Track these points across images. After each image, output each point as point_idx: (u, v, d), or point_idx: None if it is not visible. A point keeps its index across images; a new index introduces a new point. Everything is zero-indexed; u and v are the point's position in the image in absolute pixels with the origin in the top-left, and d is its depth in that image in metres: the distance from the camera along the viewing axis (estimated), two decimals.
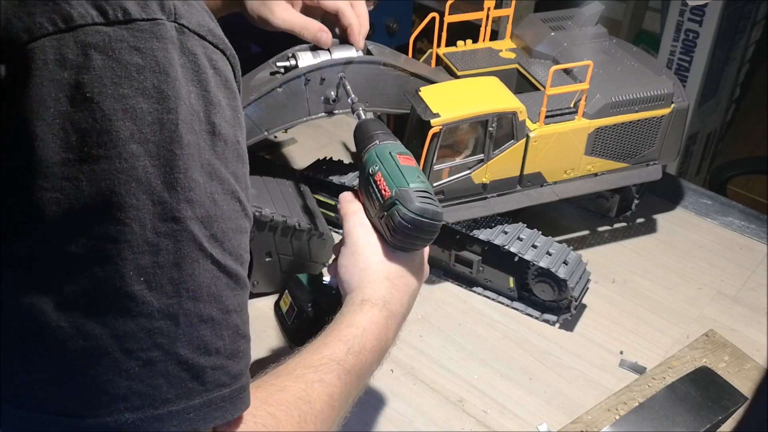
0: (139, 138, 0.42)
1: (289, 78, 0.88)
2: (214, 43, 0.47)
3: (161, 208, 0.43)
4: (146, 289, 0.43)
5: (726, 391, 0.86)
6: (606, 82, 0.97)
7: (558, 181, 0.99)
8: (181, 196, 0.44)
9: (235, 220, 0.48)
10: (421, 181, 0.69)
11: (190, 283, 0.45)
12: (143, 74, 0.42)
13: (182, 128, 0.44)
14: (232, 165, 0.48)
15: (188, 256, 0.44)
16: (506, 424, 0.84)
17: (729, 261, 1.08)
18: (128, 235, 0.42)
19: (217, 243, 0.46)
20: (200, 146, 0.45)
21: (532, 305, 0.99)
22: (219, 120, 0.46)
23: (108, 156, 0.41)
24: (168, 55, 0.43)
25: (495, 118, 0.89)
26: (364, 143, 0.73)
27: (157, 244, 0.43)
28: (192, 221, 0.44)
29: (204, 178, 0.45)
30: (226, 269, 0.47)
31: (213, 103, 0.46)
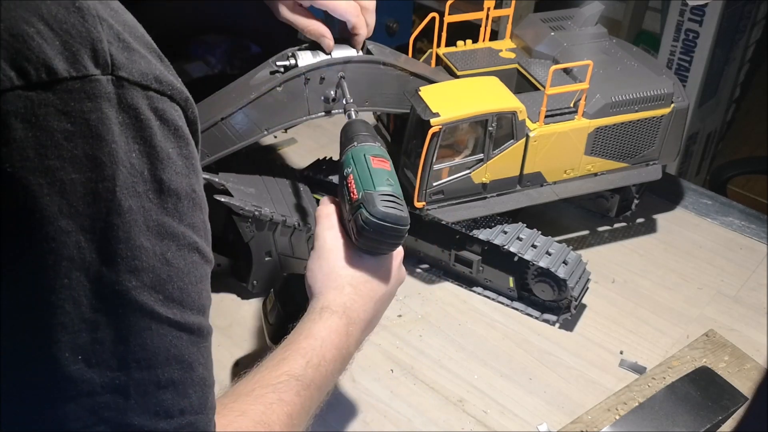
0: (69, 212, 0.38)
1: (288, 77, 0.88)
2: (161, 91, 0.43)
3: (98, 284, 0.40)
4: (85, 367, 0.41)
5: (726, 391, 0.86)
6: (606, 82, 0.97)
7: (558, 180, 0.99)
8: (123, 267, 0.41)
9: (194, 272, 0.46)
10: (390, 184, 0.68)
11: (141, 353, 0.43)
12: (73, 141, 0.38)
13: (121, 194, 0.40)
14: (187, 217, 0.45)
15: (136, 326, 0.42)
16: (506, 424, 0.84)
17: (729, 261, 1.08)
18: (61, 317, 0.39)
19: (174, 303, 0.44)
20: (146, 208, 0.42)
21: (532, 305, 0.99)
22: (168, 175, 0.43)
23: (34, 238, 0.38)
24: (102, 115, 0.39)
25: (495, 118, 0.89)
26: (344, 145, 0.73)
27: (95, 320, 0.40)
28: (139, 290, 0.42)
29: (153, 240, 0.42)
30: (187, 326, 0.45)
31: (160, 159, 0.43)
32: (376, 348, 0.91)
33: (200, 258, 0.47)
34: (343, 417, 0.84)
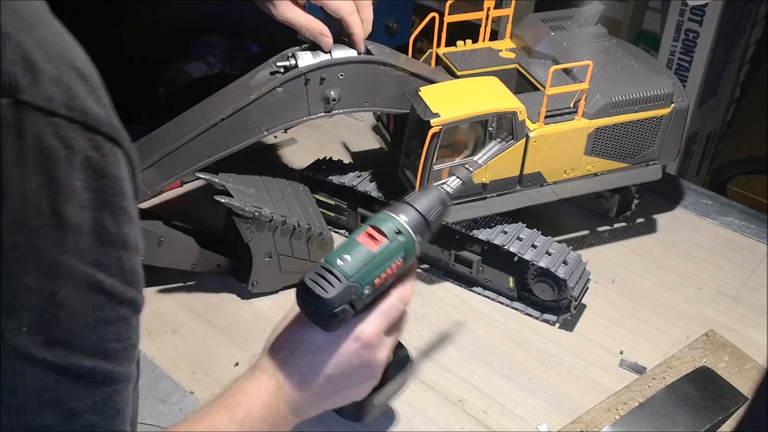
0: None
1: (288, 78, 0.88)
2: (70, 117, 0.39)
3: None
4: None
5: (726, 391, 0.86)
6: (606, 82, 0.97)
7: (558, 180, 0.99)
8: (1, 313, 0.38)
9: (92, 313, 0.42)
10: (343, 261, 0.64)
11: (11, 398, 0.40)
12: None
13: (5, 231, 0.37)
14: (91, 254, 0.42)
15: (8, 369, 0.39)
16: (506, 424, 0.84)
17: (729, 261, 1.08)
18: None
19: (57, 345, 0.41)
20: (38, 245, 0.39)
21: (532, 305, 0.99)
22: (71, 209, 0.40)
23: None
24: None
25: (495, 118, 0.89)
26: None
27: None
28: (15, 332, 0.39)
29: (40, 279, 0.39)
30: (72, 369, 0.42)
31: (62, 191, 0.39)
32: None
33: (105, 298, 0.43)
34: None
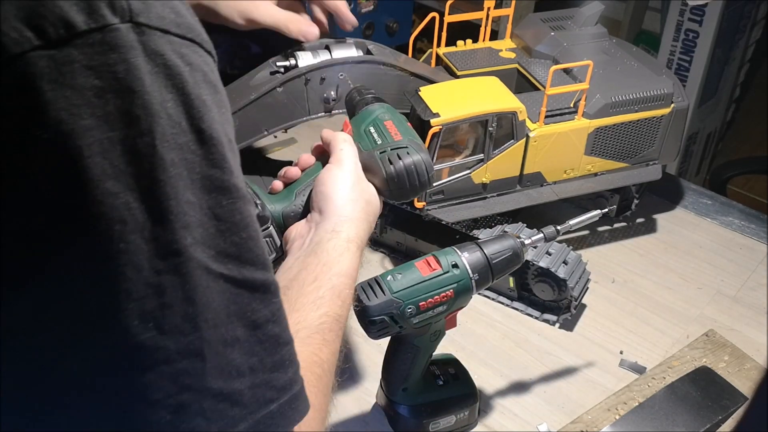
0: (114, 173, 0.36)
1: (289, 78, 0.88)
2: (182, 35, 0.40)
3: (156, 245, 0.38)
4: (159, 335, 0.39)
5: (726, 391, 0.86)
6: (606, 82, 0.97)
7: (558, 180, 0.99)
8: (176, 224, 0.39)
9: (245, 227, 0.43)
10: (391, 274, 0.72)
11: (208, 313, 0.41)
12: (103, 98, 0.36)
13: (162, 149, 0.38)
14: (231, 165, 0.43)
15: (198, 284, 0.40)
16: (506, 424, 0.84)
17: (729, 261, 1.08)
18: (124, 284, 0.37)
19: (230, 258, 0.42)
20: (190, 161, 0.39)
21: (532, 305, 0.99)
22: (207, 123, 0.40)
23: (81, 204, 0.36)
24: (129, 66, 0.37)
25: (495, 118, 0.89)
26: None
27: (159, 284, 0.38)
28: (194, 246, 0.40)
29: (200, 194, 0.40)
30: (247, 282, 0.43)
31: (195, 106, 0.40)
32: (377, 348, 0.91)
33: (250, 208, 0.44)
34: (344, 417, 0.84)
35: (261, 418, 0.43)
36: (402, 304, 0.70)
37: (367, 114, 0.75)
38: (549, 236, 0.77)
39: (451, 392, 0.81)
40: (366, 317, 0.70)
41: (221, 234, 0.42)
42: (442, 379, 0.82)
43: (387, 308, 0.70)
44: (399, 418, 0.81)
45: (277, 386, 0.45)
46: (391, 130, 0.72)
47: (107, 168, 0.36)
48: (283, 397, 0.45)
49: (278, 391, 0.45)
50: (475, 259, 0.72)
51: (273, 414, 0.44)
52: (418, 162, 0.69)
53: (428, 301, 0.71)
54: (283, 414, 0.45)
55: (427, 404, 0.80)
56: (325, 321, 0.59)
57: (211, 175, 0.41)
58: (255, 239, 0.44)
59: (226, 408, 0.42)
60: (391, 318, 0.70)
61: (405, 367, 0.77)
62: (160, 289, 0.38)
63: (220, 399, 0.42)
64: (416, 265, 0.72)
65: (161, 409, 0.39)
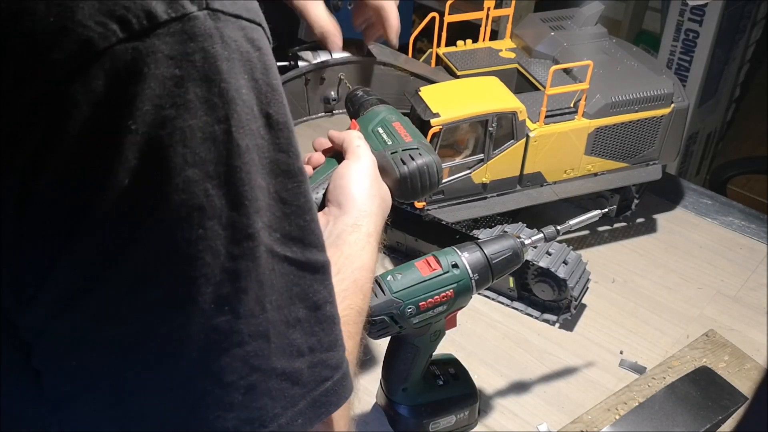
0: (194, 161, 0.37)
1: (288, 78, 0.88)
2: (251, 19, 0.41)
3: (232, 230, 0.39)
4: (233, 319, 0.40)
5: (726, 391, 0.86)
6: (606, 82, 0.97)
7: (558, 180, 0.99)
8: (251, 209, 0.39)
9: (309, 210, 0.44)
10: (391, 274, 0.72)
11: (273, 295, 0.42)
12: (183, 87, 0.37)
13: (237, 135, 0.39)
14: (294, 148, 0.43)
15: (266, 267, 0.41)
16: (506, 424, 0.84)
17: (729, 261, 1.08)
18: (202, 269, 0.38)
19: (294, 241, 0.43)
20: (260, 146, 0.40)
21: (532, 305, 0.99)
22: (275, 108, 0.41)
23: (164, 192, 0.37)
24: (207, 55, 0.37)
25: (495, 118, 0.89)
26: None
27: (235, 269, 0.39)
28: (264, 231, 0.41)
29: (268, 179, 0.41)
30: (309, 264, 0.44)
31: (264, 92, 0.41)
32: (377, 347, 0.91)
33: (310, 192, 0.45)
34: None
35: (318, 396, 0.45)
36: (402, 304, 0.70)
37: (374, 115, 0.76)
38: (549, 236, 0.77)
39: (451, 392, 0.81)
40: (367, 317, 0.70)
41: (287, 217, 0.42)
42: (442, 379, 0.82)
43: (387, 308, 0.70)
44: (399, 418, 0.81)
45: (332, 365, 0.46)
46: (400, 132, 0.73)
47: (188, 156, 0.37)
48: (336, 375, 0.46)
49: (332, 370, 0.46)
50: (475, 259, 0.72)
51: (328, 391, 0.45)
52: (429, 163, 0.71)
53: (428, 301, 0.71)
54: (336, 391, 0.46)
55: (427, 404, 0.80)
56: (348, 314, 0.59)
57: (278, 159, 0.41)
58: (316, 221, 0.45)
59: (288, 387, 0.43)
60: (391, 318, 0.70)
61: (405, 367, 0.77)
62: (235, 274, 0.39)
63: (283, 378, 0.43)
64: (416, 265, 0.72)
65: (234, 391, 0.41)
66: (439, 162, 0.72)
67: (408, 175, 0.70)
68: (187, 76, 0.37)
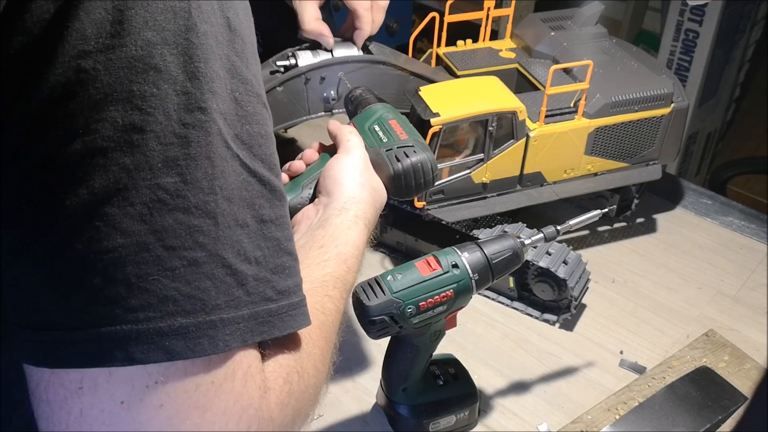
0: (153, 25, 0.40)
1: (288, 77, 0.88)
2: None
3: (185, 97, 0.41)
4: (180, 183, 0.41)
5: (726, 391, 0.86)
6: (606, 82, 0.97)
7: (558, 180, 0.99)
8: (205, 86, 0.42)
9: (262, 125, 0.46)
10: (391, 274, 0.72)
11: (223, 182, 0.43)
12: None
13: (197, 17, 0.42)
14: (252, 66, 0.46)
15: (218, 151, 0.42)
16: (506, 424, 0.84)
17: (729, 261, 1.08)
18: (153, 125, 0.40)
19: (245, 145, 0.44)
20: (218, 39, 0.43)
21: (532, 305, 0.99)
22: (233, 16, 0.44)
23: (123, 44, 0.39)
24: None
25: (495, 118, 0.89)
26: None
27: (186, 135, 0.41)
28: (218, 114, 0.42)
29: (224, 72, 0.43)
30: (257, 174, 0.45)
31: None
32: (377, 347, 0.91)
33: (267, 114, 0.47)
34: (343, 417, 0.84)
35: (260, 312, 0.45)
36: (402, 304, 0.70)
37: (371, 112, 0.76)
38: (549, 236, 0.77)
39: (451, 392, 0.81)
40: (366, 317, 0.70)
41: (239, 119, 0.44)
42: (442, 379, 0.82)
43: (387, 308, 0.70)
44: (399, 418, 0.81)
45: (277, 288, 0.46)
46: (396, 129, 0.74)
47: (149, 20, 0.40)
48: (281, 301, 0.46)
49: (278, 293, 0.46)
50: (475, 259, 0.72)
51: (271, 312, 0.45)
52: (424, 160, 0.71)
53: (428, 301, 0.71)
54: (280, 316, 0.46)
55: (427, 404, 0.80)
56: (328, 279, 0.60)
57: (234, 61, 0.44)
58: (266, 138, 0.46)
59: (233, 285, 0.43)
60: (391, 318, 0.70)
61: (405, 367, 0.77)
62: (185, 140, 0.41)
63: (229, 272, 0.43)
64: (416, 265, 0.72)
65: (176, 258, 0.41)
66: (434, 160, 0.72)
67: (402, 172, 0.71)
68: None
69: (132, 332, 0.40)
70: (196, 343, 0.41)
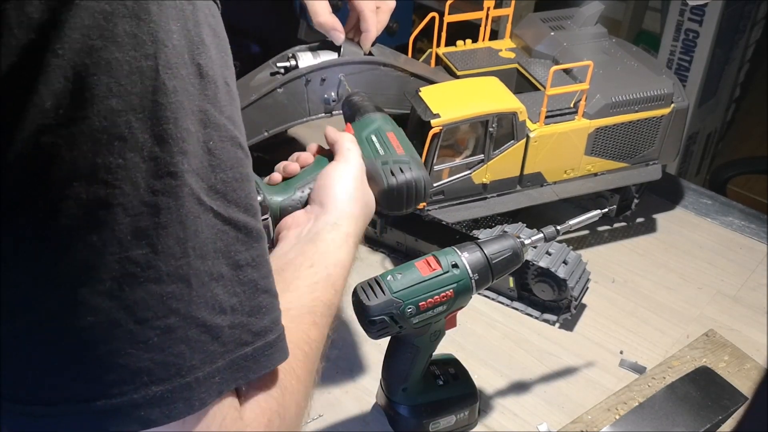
0: (118, 91, 0.38)
1: (289, 78, 0.88)
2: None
3: (154, 164, 0.40)
4: (151, 253, 0.40)
5: (726, 391, 0.86)
6: (606, 82, 0.97)
7: (558, 181, 0.99)
8: (175, 148, 0.40)
9: (237, 168, 0.45)
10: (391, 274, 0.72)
11: (196, 242, 0.42)
12: (112, 21, 0.38)
13: (164, 75, 0.40)
14: (226, 109, 0.44)
15: (191, 211, 0.42)
16: (506, 424, 0.84)
17: (729, 261, 1.08)
18: (120, 198, 0.39)
19: (218, 195, 0.44)
20: (189, 92, 0.41)
21: (532, 305, 0.99)
22: (205, 60, 0.43)
23: (85, 116, 0.38)
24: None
25: (495, 119, 0.89)
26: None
27: (155, 203, 0.40)
28: (190, 174, 0.41)
29: (196, 126, 0.42)
30: (233, 221, 0.45)
31: (196, 43, 0.42)
32: (377, 347, 0.91)
33: (243, 154, 0.46)
34: (343, 417, 0.84)
35: (236, 359, 0.45)
36: (402, 304, 0.70)
37: (369, 122, 0.76)
38: (549, 236, 0.77)
39: (451, 392, 0.81)
40: (366, 317, 0.70)
41: (212, 169, 0.43)
42: (442, 379, 0.82)
43: (387, 308, 0.70)
44: (399, 418, 0.81)
45: (253, 330, 0.46)
46: (393, 143, 0.74)
47: (113, 86, 0.38)
48: (257, 342, 0.46)
49: (254, 336, 0.46)
50: (475, 259, 0.72)
51: (247, 357, 0.45)
52: (418, 179, 0.72)
53: (428, 301, 0.71)
54: (257, 359, 0.46)
55: (427, 404, 0.80)
56: (317, 306, 0.60)
57: (206, 109, 0.43)
58: (241, 182, 0.45)
59: (208, 341, 0.43)
60: (391, 318, 0.70)
61: (405, 367, 0.77)
62: (155, 208, 0.40)
63: (203, 330, 0.43)
64: (416, 265, 0.72)
65: (149, 329, 0.41)
66: (428, 179, 0.73)
67: (395, 188, 0.71)
68: (117, 12, 0.38)
69: (107, 406, 0.40)
70: (171, 408, 0.41)
